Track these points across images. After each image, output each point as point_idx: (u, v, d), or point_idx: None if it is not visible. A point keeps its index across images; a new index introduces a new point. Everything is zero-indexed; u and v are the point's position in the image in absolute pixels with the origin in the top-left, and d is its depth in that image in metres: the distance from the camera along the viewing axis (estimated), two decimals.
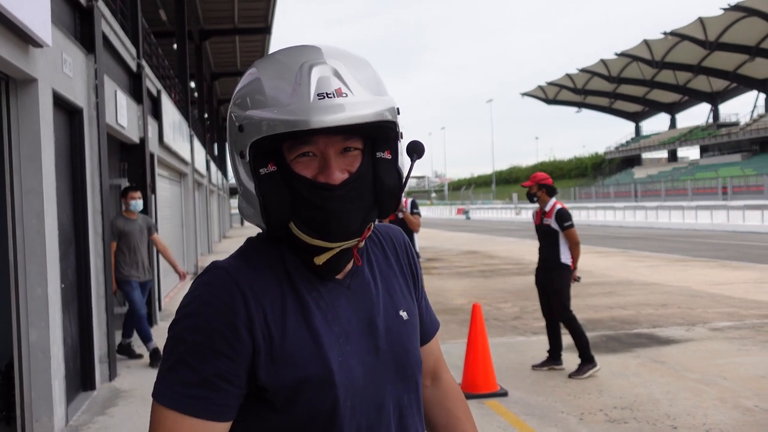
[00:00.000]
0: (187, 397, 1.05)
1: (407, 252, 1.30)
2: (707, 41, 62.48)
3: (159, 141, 11.30)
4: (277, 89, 1.05)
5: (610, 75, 77.96)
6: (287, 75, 1.05)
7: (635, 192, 62.44)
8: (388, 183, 1.11)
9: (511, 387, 5.87)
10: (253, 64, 1.14)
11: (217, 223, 32.67)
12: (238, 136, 1.07)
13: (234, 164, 1.12)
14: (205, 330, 1.06)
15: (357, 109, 1.02)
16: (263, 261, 1.13)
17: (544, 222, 6.37)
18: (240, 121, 1.06)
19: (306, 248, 1.11)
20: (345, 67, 1.06)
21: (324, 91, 1.02)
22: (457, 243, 26.10)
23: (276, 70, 1.07)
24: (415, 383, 1.21)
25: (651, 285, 12.29)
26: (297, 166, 1.07)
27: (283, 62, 1.08)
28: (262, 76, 1.08)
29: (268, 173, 1.07)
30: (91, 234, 6.27)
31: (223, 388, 1.06)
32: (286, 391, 1.08)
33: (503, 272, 15.27)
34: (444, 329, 8.62)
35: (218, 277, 1.10)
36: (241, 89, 1.11)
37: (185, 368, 1.06)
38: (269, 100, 1.04)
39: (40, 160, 4.91)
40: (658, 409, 5.20)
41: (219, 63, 29.77)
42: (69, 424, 5.29)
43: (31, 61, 4.77)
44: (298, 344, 1.08)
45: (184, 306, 1.10)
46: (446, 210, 73.50)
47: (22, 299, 4.87)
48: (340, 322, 1.12)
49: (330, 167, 1.06)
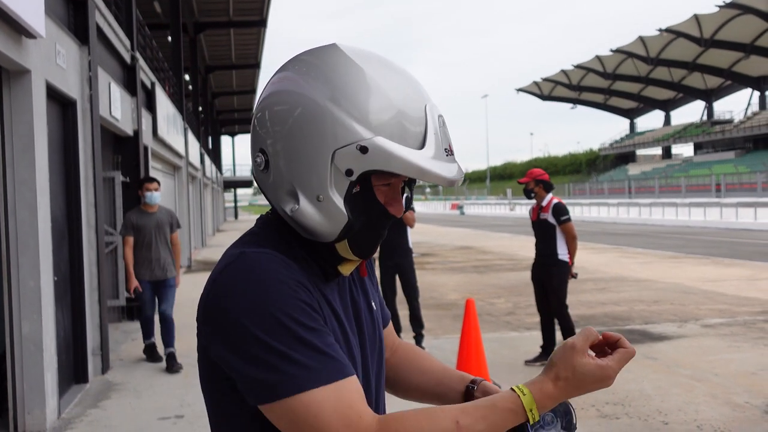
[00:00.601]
0: (334, 363, 0.99)
1: None
2: (702, 38, 62.60)
3: (153, 134, 11.26)
4: (409, 127, 1.02)
5: (605, 71, 78.05)
6: (416, 114, 1.04)
7: (629, 188, 62.63)
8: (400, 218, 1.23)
9: (504, 382, 5.88)
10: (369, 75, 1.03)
11: (211, 216, 32.61)
12: (353, 155, 1.00)
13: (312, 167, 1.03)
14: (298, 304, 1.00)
15: (461, 170, 1.08)
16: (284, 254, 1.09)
17: (540, 217, 6.37)
18: (366, 142, 1.00)
19: (336, 258, 1.12)
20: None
21: (447, 146, 1.06)
22: (451, 238, 26.12)
23: (407, 100, 1.04)
24: (383, 365, 1.26)
25: (644, 281, 12.33)
26: (378, 193, 1.08)
27: (407, 91, 1.04)
28: (394, 100, 1.02)
29: (356, 194, 1.05)
30: (84, 227, 6.25)
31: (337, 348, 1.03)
32: None
33: (497, 268, 15.30)
34: (437, 324, 8.63)
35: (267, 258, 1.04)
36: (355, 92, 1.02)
37: (308, 346, 0.98)
38: (403, 136, 1.02)
39: (33, 152, 4.89)
40: (650, 405, 5.22)
41: (214, 56, 29.65)
42: (61, 417, 5.29)
43: (25, 53, 4.74)
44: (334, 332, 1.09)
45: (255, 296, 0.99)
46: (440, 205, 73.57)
47: (14, 292, 4.85)
48: (347, 316, 1.16)
49: (398, 201, 1.10)
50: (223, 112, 46.50)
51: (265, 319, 0.98)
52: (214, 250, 22.89)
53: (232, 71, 32.95)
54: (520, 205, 52.53)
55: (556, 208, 6.28)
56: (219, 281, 1.03)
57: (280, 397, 0.97)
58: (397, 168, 1.00)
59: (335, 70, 1.04)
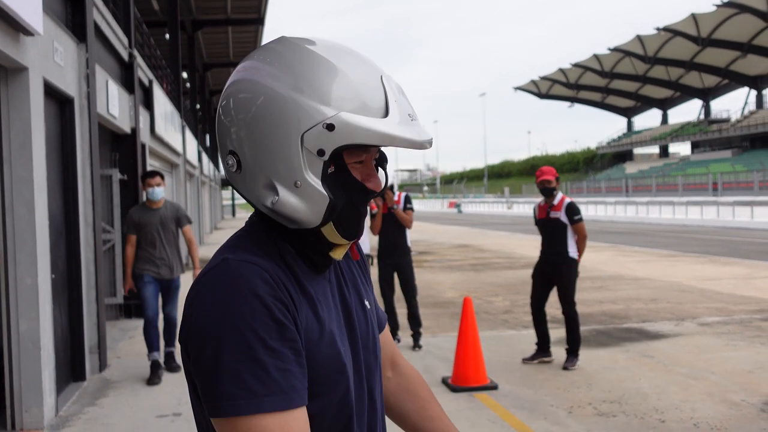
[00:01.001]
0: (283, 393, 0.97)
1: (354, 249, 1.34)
2: (700, 37, 62.67)
3: (150, 131, 11.25)
4: (370, 98, 1.03)
5: (602, 70, 78.10)
6: (373, 83, 1.04)
7: (626, 187, 62.67)
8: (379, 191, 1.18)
9: (501, 380, 5.89)
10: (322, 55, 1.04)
11: (209, 214, 32.59)
12: (321, 135, 1.01)
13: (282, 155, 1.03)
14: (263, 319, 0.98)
15: (429, 134, 1.07)
16: (269, 257, 1.08)
17: (551, 215, 6.33)
18: (329, 119, 1.00)
19: (324, 245, 1.12)
20: None
21: (409, 112, 1.06)
22: (448, 236, 26.13)
23: (357, 69, 1.05)
24: (379, 365, 1.25)
25: (641, 280, 12.35)
26: (353, 170, 1.08)
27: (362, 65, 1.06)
28: (351, 74, 1.03)
29: (332, 174, 1.05)
30: (82, 224, 6.24)
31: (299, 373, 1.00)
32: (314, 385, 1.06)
33: (494, 266, 15.32)
34: (435, 322, 8.64)
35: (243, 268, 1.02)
36: (311, 74, 1.03)
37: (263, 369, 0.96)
38: (365, 107, 1.02)
39: (31, 150, 4.88)
40: (647, 403, 5.24)
41: (211, 54, 29.62)
42: (59, 415, 5.29)
43: (22, 50, 4.74)
44: (317, 337, 1.07)
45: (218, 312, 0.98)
46: (438, 203, 73.59)
47: (12, 289, 4.85)
48: (331, 313, 1.14)
49: (373, 176, 1.10)
50: None
51: (228, 333, 0.96)
52: (212, 248, 22.88)
53: (230, 69, 32.89)
54: (518, 204, 52.57)
55: (569, 207, 6.29)
56: (197, 287, 1.03)
57: (220, 416, 0.96)
58: (365, 138, 1.00)
59: (294, 58, 1.05)
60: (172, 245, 6.46)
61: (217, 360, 0.96)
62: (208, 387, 0.97)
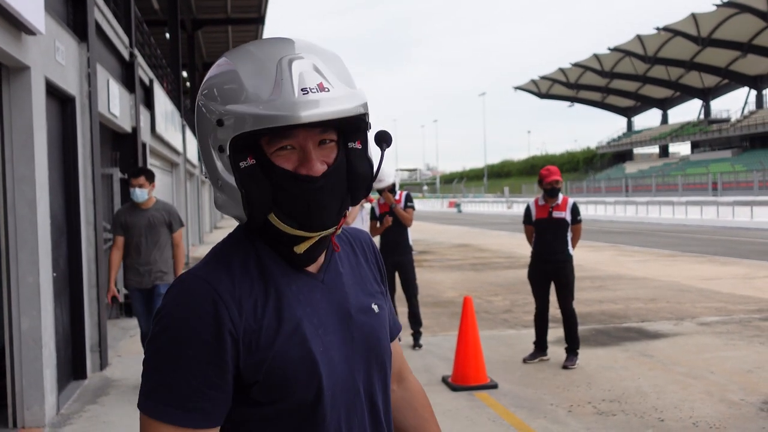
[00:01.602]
0: (180, 410, 1.06)
1: (375, 254, 1.35)
2: (700, 37, 62.68)
3: (151, 130, 11.27)
4: (257, 84, 1.06)
5: (602, 70, 78.11)
6: (267, 69, 1.06)
7: (626, 187, 62.68)
8: (361, 172, 1.15)
9: (501, 379, 5.91)
10: (224, 55, 1.13)
11: (209, 213, 32.60)
12: (216, 131, 1.08)
13: (208, 158, 1.12)
14: (190, 341, 1.06)
15: (339, 104, 1.05)
16: (240, 261, 1.14)
17: (554, 215, 6.34)
18: (219, 115, 1.07)
19: (286, 239, 1.13)
20: (321, 61, 1.09)
21: (307, 86, 1.05)
22: (448, 236, 26.16)
23: (254, 63, 1.08)
24: (385, 372, 1.25)
25: (640, 279, 12.37)
26: (277, 159, 1.09)
27: (259, 56, 1.08)
28: (239, 69, 1.08)
29: (248, 166, 1.08)
30: (83, 223, 6.26)
31: (213, 396, 1.08)
32: (273, 385, 1.10)
33: (494, 265, 15.33)
34: (435, 322, 8.66)
35: (195, 286, 1.10)
36: (214, 81, 1.11)
37: (176, 382, 1.06)
38: (250, 95, 1.05)
39: (33, 148, 4.90)
40: (646, 402, 5.26)
41: (211, 53, 29.61)
42: (60, 413, 5.30)
43: (24, 49, 4.75)
44: (282, 338, 1.11)
45: (163, 317, 1.09)
46: (438, 203, 73.60)
47: (13, 288, 4.86)
48: (318, 315, 1.15)
49: (311, 160, 1.09)
50: None
51: (164, 343, 1.08)
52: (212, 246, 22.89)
53: None
54: (518, 203, 52.57)
55: (575, 208, 6.37)
56: (164, 296, 1.13)
57: (138, 407, 1.10)
58: (243, 125, 1.04)
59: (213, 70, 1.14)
60: (159, 250, 5.89)
61: (150, 362, 1.09)
62: (141, 380, 1.11)
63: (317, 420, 1.13)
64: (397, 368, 1.43)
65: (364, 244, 1.34)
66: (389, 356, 1.27)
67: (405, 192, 7.25)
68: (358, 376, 1.19)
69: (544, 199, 6.43)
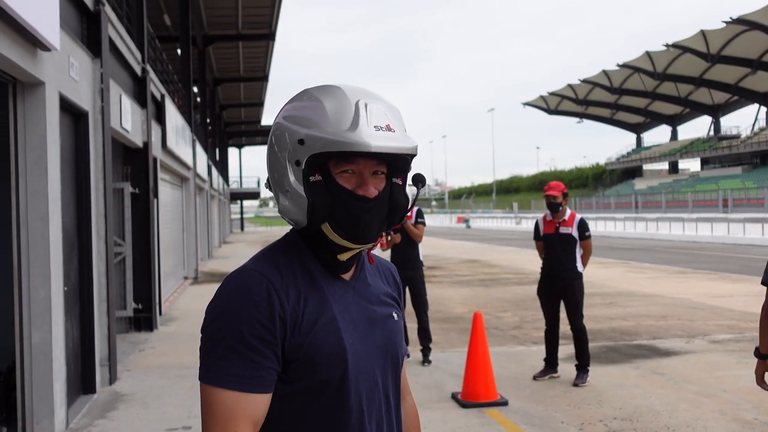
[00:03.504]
0: (243, 378, 1.26)
1: (396, 282, 1.57)
2: (709, 54, 62.60)
3: (162, 145, 11.33)
4: (339, 117, 1.28)
5: (611, 86, 78.09)
6: (347, 108, 1.29)
7: (636, 203, 62.44)
8: (399, 203, 1.38)
9: (511, 396, 5.87)
10: (309, 90, 1.37)
11: (218, 228, 32.68)
12: (297, 148, 1.30)
13: (280, 169, 1.34)
14: (249, 321, 1.27)
15: (401, 142, 1.29)
16: (286, 261, 1.36)
17: (560, 231, 6.32)
18: (302, 136, 1.29)
19: (332, 247, 1.35)
20: (387, 109, 1.33)
21: (378, 124, 1.29)
22: (457, 251, 26.10)
23: (336, 101, 1.31)
24: (398, 373, 1.46)
25: (651, 296, 12.29)
26: (340, 179, 1.31)
27: (340, 96, 1.32)
28: (325, 103, 1.31)
29: (316, 181, 1.30)
30: (94, 237, 6.29)
31: (267, 365, 1.28)
32: (307, 365, 1.30)
33: (504, 281, 15.28)
34: (444, 338, 8.62)
35: (251, 276, 1.31)
36: (301, 109, 1.34)
37: (236, 355, 1.26)
38: (331, 125, 1.28)
39: (46, 163, 4.94)
40: (658, 421, 5.20)
41: (222, 69, 29.84)
42: (69, 427, 5.30)
43: (39, 65, 4.80)
44: (319, 327, 1.32)
45: (225, 303, 1.29)
46: (446, 218, 73.53)
47: (24, 301, 4.88)
48: (349, 313, 1.37)
49: (367, 184, 1.32)
50: (231, 124, 46.71)
51: (222, 322, 1.28)
52: (221, 261, 22.93)
53: (240, 84, 33.14)
54: (527, 219, 52.43)
55: (582, 223, 6.32)
56: (223, 281, 1.34)
57: (200, 379, 1.29)
58: (324, 146, 1.26)
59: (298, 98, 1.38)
60: None
61: (209, 339, 1.29)
62: (200, 356, 1.30)
63: (341, 401, 1.33)
64: (403, 384, 1.60)
65: (388, 272, 1.57)
66: (402, 359, 1.49)
67: (416, 208, 7.25)
68: (377, 372, 1.39)
69: (550, 215, 6.42)
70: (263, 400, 1.28)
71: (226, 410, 1.25)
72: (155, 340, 8.92)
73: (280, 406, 1.32)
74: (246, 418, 1.26)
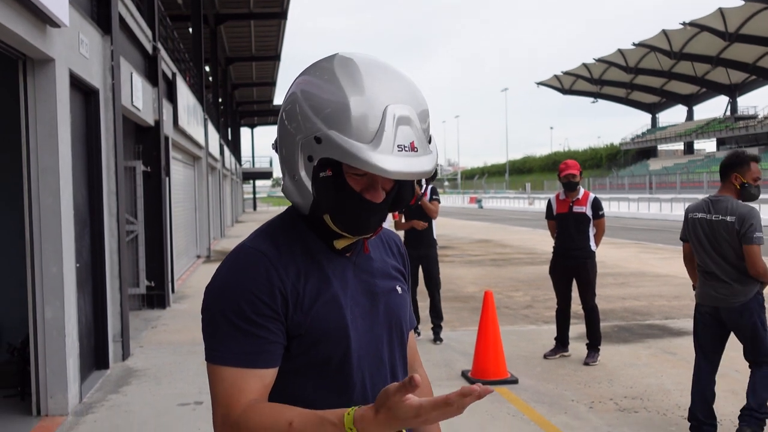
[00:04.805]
0: (246, 354, 1.25)
1: (402, 254, 1.55)
2: (727, 32, 61.67)
3: (174, 124, 11.34)
4: (362, 127, 1.19)
5: (627, 65, 77.21)
6: (373, 115, 1.19)
7: (650, 184, 61.98)
8: (405, 197, 1.34)
9: (522, 374, 5.87)
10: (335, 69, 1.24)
11: (230, 207, 32.80)
12: (312, 144, 1.22)
13: (291, 152, 1.28)
14: (249, 299, 1.25)
15: (421, 166, 1.21)
16: (286, 238, 1.34)
17: (574, 210, 6.27)
18: (320, 134, 1.21)
19: (330, 233, 1.33)
20: (417, 115, 1.23)
21: (402, 143, 1.20)
22: (469, 231, 26.06)
23: (363, 102, 1.19)
24: (404, 347, 1.45)
25: (664, 277, 12.22)
26: (350, 179, 1.26)
27: (368, 95, 1.20)
28: (351, 101, 1.19)
29: (326, 177, 1.24)
30: (106, 215, 6.31)
31: (272, 340, 1.26)
32: (310, 340, 1.29)
33: (515, 261, 15.25)
34: (455, 316, 8.63)
35: (250, 254, 1.30)
36: (322, 91, 1.23)
37: (238, 333, 1.25)
38: (353, 131, 1.18)
39: (57, 140, 4.95)
40: (669, 400, 5.19)
41: (234, 48, 29.75)
42: (83, 401, 5.36)
43: (49, 41, 4.79)
44: (321, 304, 1.30)
45: (225, 281, 1.28)
46: (459, 199, 73.38)
47: (37, 277, 4.92)
48: (349, 289, 1.35)
49: (378, 190, 1.28)
50: (243, 104, 46.67)
51: (221, 301, 1.27)
52: (233, 240, 23.03)
53: (252, 63, 33.03)
54: (539, 200, 52.23)
55: (596, 202, 6.28)
56: (223, 260, 1.33)
57: (206, 360, 1.28)
58: (342, 157, 1.18)
59: (320, 73, 1.26)
60: None
61: (210, 319, 1.28)
62: (204, 337, 1.29)
63: (344, 376, 1.32)
64: (410, 360, 1.58)
65: (394, 243, 1.54)
66: (408, 331, 1.47)
67: (431, 186, 7.32)
68: (381, 347, 1.38)
69: (564, 194, 6.37)
70: (269, 374, 1.27)
71: (233, 387, 1.24)
72: (168, 318, 8.99)
73: (283, 383, 1.31)
74: (252, 392, 1.25)
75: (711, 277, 4.28)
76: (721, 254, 4.21)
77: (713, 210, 4.24)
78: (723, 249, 4.20)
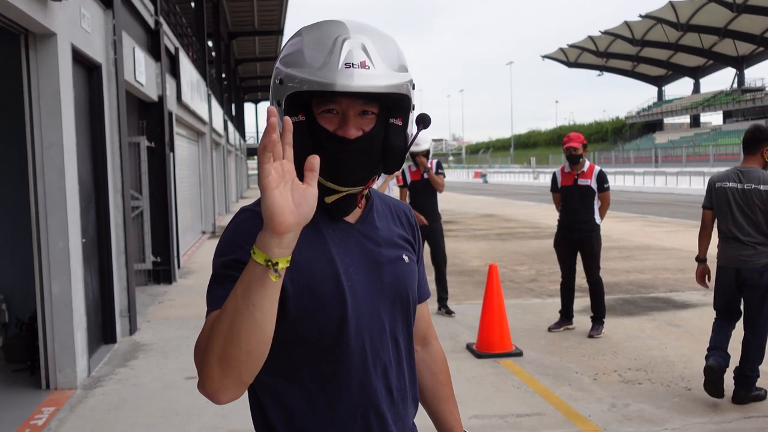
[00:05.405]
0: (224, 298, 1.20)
1: (412, 224, 1.53)
2: (735, 3, 60.88)
3: (177, 99, 11.30)
4: (313, 55, 1.26)
5: (633, 38, 76.43)
6: (324, 44, 1.26)
7: (656, 157, 61.71)
8: (395, 145, 1.33)
9: (526, 347, 5.90)
10: (301, 30, 1.34)
11: (235, 183, 32.81)
12: (277, 88, 1.29)
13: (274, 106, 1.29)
14: (239, 250, 1.26)
15: (374, 80, 1.23)
16: None
17: (579, 183, 6.26)
18: (281, 75, 1.28)
19: (323, 191, 1.31)
20: (372, 43, 1.26)
21: (350, 61, 1.23)
22: (474, 206, 26.05)
23: (316, 38, 1.28)
24: (409, 316, 1.44)
25: (669, 250, 12.22)
26: (321, 119, 1.29)
27: (322, 34, 1.28)
28: (304, 42, 1.29)
29: (297, 121, 1.27)
30: (111, 190, 6.32)
31: None
32: (307, 299, 1.29)
33: (520, 235, 15.25)
34: (460, 290, 8.65)
35: (245, 213, 1.34)
36: (286, 50, 1.33)
37: (227, 279, 1.24)
38: (306, 63, 1.25)
39: (60, 115, 4.93)
40: (673, 371, 5.21)
41: (236, 22, 29.51)
42: (91, 375, 5.42)
43: (50, 15, 4.76)
44: (317, 266, 1.31)
45: (220, 240, 1.33)
46: (464, 173, 73.22)
47: (44, 252, 4.94)
48: (350, 255, 1.35)
49: (347, 124, 1.28)
50: (246, 79, 46.43)
51: (215, 257, 1.30)
52: None
53: (255, 38, 32.79)
54: (544, 174, 52.09)
55: (601, 175, 6.26)
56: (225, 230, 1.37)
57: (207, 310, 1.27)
58: (296, 85, 1.24)
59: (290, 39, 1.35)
60: None
61: (210, 277, 1.30)
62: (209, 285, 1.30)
63: (342, 343, 1.31)
64: (423, 331, 1.60)
65: (403, 213, 1.53)
66: (414, 302, 1.45)
67: (435, 160, 7.33)
68: (384, 315, 1.37)
69: (569, 167, 6.35)
70: None
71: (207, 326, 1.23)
72: (174, 293, 9.04)
73: (280, 349, 1.29)
74: None
75: (735, 241, 4.55)
76: (753, 221, 4.45)
77: (744, 179, 4.48)
78: (756, 216, 4.44)
